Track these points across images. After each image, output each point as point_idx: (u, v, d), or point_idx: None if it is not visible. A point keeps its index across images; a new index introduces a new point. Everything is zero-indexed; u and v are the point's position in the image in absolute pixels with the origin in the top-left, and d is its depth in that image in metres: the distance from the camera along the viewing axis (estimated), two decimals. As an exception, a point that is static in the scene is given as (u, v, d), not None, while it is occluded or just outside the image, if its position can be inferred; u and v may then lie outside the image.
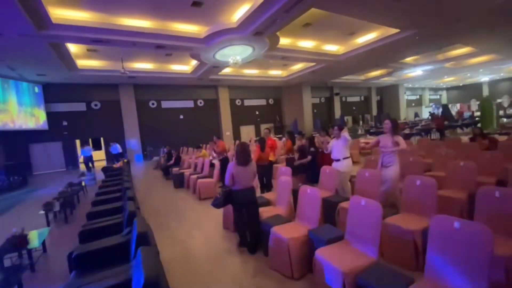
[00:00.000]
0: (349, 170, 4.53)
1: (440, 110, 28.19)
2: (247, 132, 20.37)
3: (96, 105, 15.30)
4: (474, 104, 25.75)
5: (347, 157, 4.55)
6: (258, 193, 4.99)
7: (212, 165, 7.39)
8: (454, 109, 25.52)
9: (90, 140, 15.22)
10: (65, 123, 14.43)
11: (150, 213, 5.41)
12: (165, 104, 17.34)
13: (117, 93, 15.51)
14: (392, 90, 27.44)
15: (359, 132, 14.74)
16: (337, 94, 24.24)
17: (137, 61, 12.56)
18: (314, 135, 7.11)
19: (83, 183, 7.63)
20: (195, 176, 7.06)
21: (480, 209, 2.71)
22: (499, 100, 22.90)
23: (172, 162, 10.05)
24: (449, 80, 27.99)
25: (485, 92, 29.41)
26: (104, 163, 14.38)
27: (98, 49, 10.13)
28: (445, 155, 5.03)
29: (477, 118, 17.15)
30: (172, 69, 14.19)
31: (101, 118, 15.21)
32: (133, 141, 15.68)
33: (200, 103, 18.57)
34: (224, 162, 6.82)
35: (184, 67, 14.28)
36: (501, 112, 17.14)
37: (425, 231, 2.74)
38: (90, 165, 12.11)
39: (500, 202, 2.60)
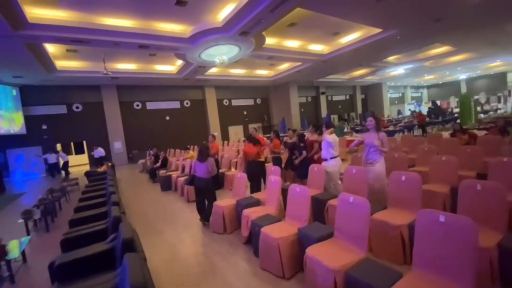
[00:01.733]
0: (337, 169, 4.56)
1: (421, 107, 29.20)
2: (236, 133, 20.28)
3: (77, 107, 14.78)
4: (453, 101, 26.80)
5: (334, 157, 4.59)
6: (247, 193, 4.92)
7: None
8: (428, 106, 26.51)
9: (59, 145, 14.64)
10: (44, 127, 13.85)
11: (137, 218, 5.26)
12: (151, 105, 17.01)
13: (99, 94, 15.04)
14: (376, 89, 28.20)
15: (346, 130, 14.98)
16: (323, 93, 24.62)
17: (120, 61, 12.23)
18: (304, 133, 7.08)
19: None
20: (182, 178, 6.97)
21: (463, 202, 2.80)
22: (476, 97, 23.93)
23: (159, 164, 9.84)
24: (429, 78, 29.03)
25: (463, 89, 30.70)
26: (87, 168, 13.91)
27: (78, 49, 9.79)
28: (428, 151, 5.17)
29: (456, 115, 17.84)
30: (156, 70, 13.92)
31: (83, 121, 14.72)
32: (118, 144, 15.24)
33: (187, 103, 18.43)
34: (216, 160, 6.75)
35: (169, 67, 14.04)
36: (478, 108, 17.89)
37: (411, 225, 2.81)
38: (62, 173, 11.59)
39: (481, 195, 2.70)
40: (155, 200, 6.71)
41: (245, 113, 21.48)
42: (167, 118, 17.69)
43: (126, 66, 12.94)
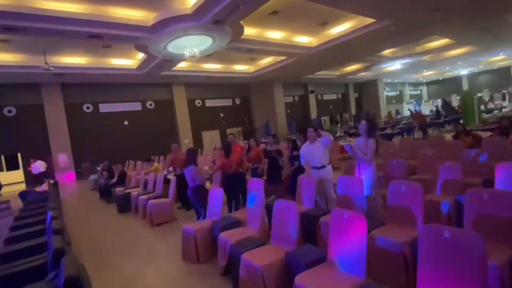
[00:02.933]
0: (332, 176, 4.75)
1: (421, 106, 30.48)
2: (211, 138, 20.21)
3: (10, 111, 14.02)
4: (455, 99, 28.33)
5: (329, 163, 4.74)
6: (225, 211, 4.90)
7: (166, 182, 7.11)
8: (435, 104, 27.78)
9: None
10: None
11: (87, 249, 5.03)
12: (105, 108, 16.49)
13: (39, 95, 14.35)
14: (371, 86, 29.23)
15: (338, 133, 15.32)
16: (312, 91, 25.13)
17: (66, 54, 11.81)
18: (292, 138, 7.21)
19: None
20: (145, 196, 6.79)
21: (469, 214, 2.92)
22: (479, 94, 25.44)
23: (114, 180, 9.52)
24: (428, 74, 30.58)
25: (465, 86, 32.59)
26: (23, 187, 13.18)
27: (11, 39, 9.35)
28: (430, 156, 5.39)
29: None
30: (111, 64, 13.56)
31: (17, 128, 13.95)
32: (63, 156, 14.57)
33: (150, 105, 18.16)
34: (182, 175, 6.63)
35: (128, 61, 13.75)
36: (482, 107, 19.04)
37: (414, 242, 2.89)
38: None
39: (488, 205, 2.82)
40: (110, 224, 6.46)
41: (221, 115, 21.47)
42: (126, 123, 17.25)
43: (74, 60, 12.51)
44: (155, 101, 18.37)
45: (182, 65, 14.90)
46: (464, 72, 31.69)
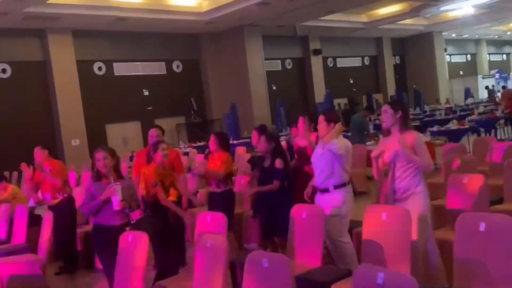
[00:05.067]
0: (346, 210, 3.46)
1: (510, 81, 21.70)
2: (123, 136, 13.54)
3: (4, 70, 11.52)
4: None
5: (341, 185, 3.44)
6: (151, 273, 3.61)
7: (35, 220, 5.11)
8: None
9: None
10: None
11: None
12: None
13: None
14: (422, 45, 21.30)
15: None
16: (317, 52, 18.11)
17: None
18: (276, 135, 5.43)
19: None
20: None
21: None
22: None
23: None
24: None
25: None
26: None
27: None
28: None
29: None
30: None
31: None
32: None
33: (4, 71, 12.25)
34: (65, 209, 4.77)
35: None
36: None
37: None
38: None
39: None
40: None
41: (145, 93, 14.23)
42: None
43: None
44: (13, 64, 11.89)
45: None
46: None
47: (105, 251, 3.26)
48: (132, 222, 3.20)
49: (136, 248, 3.06)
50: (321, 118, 3.49)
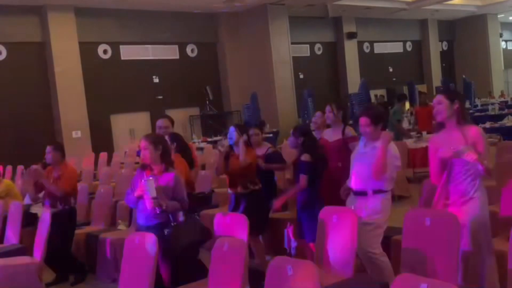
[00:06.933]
0: (383, 220, 3.26)
1: None
2: (130, 127, 12.74)
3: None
4: None
5: (382, 190, 3.26)
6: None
7: (31, 219, 4.88)
8: None
9: None
10: None
11: None
12: None
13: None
14: (473, 29, 19.60)
15: (406, 125, 9.66)
16: (351, 36, 16.91)
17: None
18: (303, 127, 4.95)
19: None
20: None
21: None
22: None
23: None
24: None
25: None
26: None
27: None
28: None
29: None
30: None
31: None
32: None
33: None
34: (63, 221, 4.33)
35: None
36: None
37: None
38: None
39: None
40: None
41: (156, 81, 13.28)
42: None
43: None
44: (10, 45, 11.06)
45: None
46: None
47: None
48: (173, 224, 3.03)
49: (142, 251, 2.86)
50: (365, 120, 3.12)
